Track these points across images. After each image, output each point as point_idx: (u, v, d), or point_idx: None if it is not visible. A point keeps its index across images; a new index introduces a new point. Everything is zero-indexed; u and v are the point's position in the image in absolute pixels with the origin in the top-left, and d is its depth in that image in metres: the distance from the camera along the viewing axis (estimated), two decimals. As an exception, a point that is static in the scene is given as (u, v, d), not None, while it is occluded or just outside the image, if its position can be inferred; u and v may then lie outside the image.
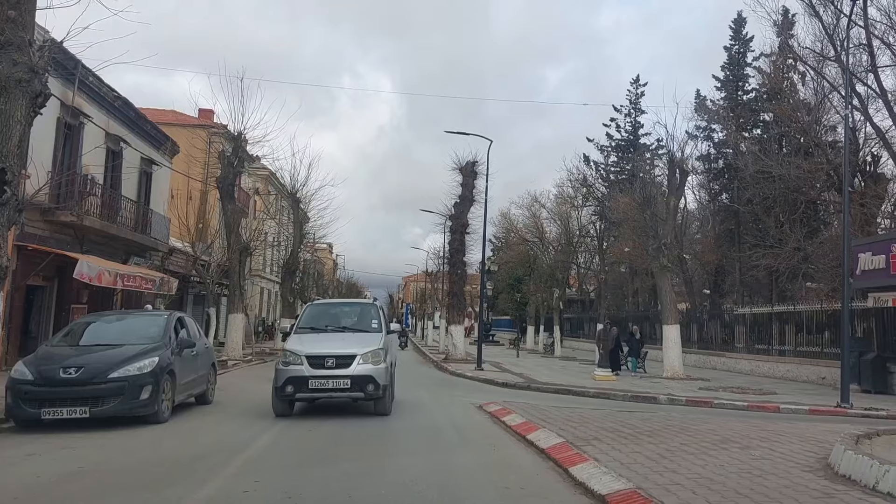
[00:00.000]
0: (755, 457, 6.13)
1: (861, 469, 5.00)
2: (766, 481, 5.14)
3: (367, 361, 9.47)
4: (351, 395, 9.49)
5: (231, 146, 22.76)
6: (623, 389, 16.07)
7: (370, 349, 9.63)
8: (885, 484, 4.69)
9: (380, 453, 7.24)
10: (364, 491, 5.42)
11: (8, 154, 9.37)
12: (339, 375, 9.30)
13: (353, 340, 9.97)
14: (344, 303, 13.88)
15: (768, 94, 25.10)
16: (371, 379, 9.38)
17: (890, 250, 15.86)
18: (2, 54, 9.50)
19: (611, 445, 6.64)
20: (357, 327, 10.68)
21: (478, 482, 5.91)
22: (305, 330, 10.56)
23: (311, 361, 9.41)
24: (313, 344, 9.82)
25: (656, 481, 5.10)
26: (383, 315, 11.22)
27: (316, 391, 9.41)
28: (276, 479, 5.77)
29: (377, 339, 10.05)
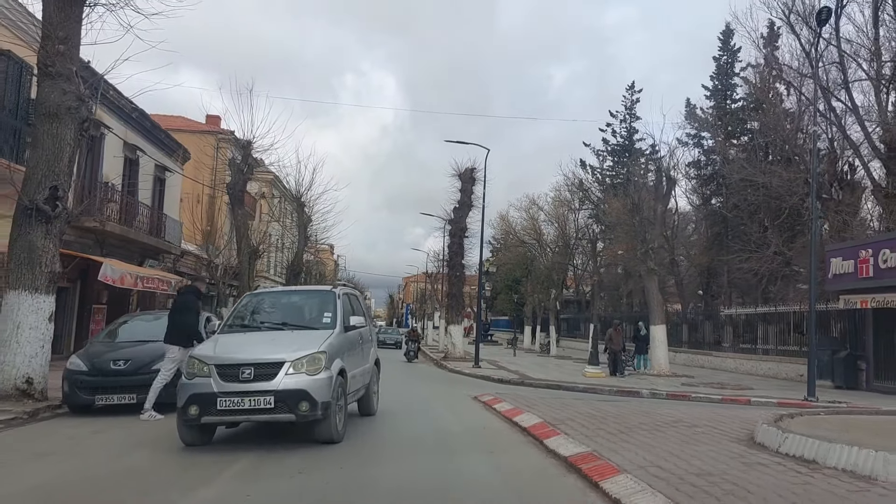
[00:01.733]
0: (697, 432, 7.54)
1: (770, 437, 6.40)
2: (697, 447, 6.54)
3: (300, 370, 6.94)
4: (275, 418, 6.95)
5: (241, 154, 24.13)
6: (610, 385, 17.46)
7: (305, 353, 7.07)
8: (785, 447, 6.10)
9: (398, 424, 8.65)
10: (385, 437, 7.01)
11: (59, 173, 10.81)
12: (258, 391, 6.80)
13: (287, 341, 7.49)
14: (292, 291, 10.28)
15: (754, 104, 26.47)
16: (304, 395, 6.82)
17: (858, 256, 17.25)
18: (53, 85, 10.97)
19: (581, 424, 8.03)
20: (301, 323, 8.22)
21: (469, 447, 7.37)
22: (234, 328, 8.23)
23: (221, 372, 6.93)
24: (230, 348, 7.42)
25: (610, 447, 6.49)
26: (342, 306, 8.39)
27: (227, 413, 6.85)
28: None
29: (321, 339, 7.47)
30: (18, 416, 9.37)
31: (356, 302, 9.46)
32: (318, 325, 8.14)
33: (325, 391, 7.04)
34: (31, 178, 10.66)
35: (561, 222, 37.99)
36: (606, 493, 5.06)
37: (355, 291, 10.28)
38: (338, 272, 68.47)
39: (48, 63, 10.96)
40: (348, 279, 72.10)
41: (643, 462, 5.76)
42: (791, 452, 5.99)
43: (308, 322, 8.34)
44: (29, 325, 10.26)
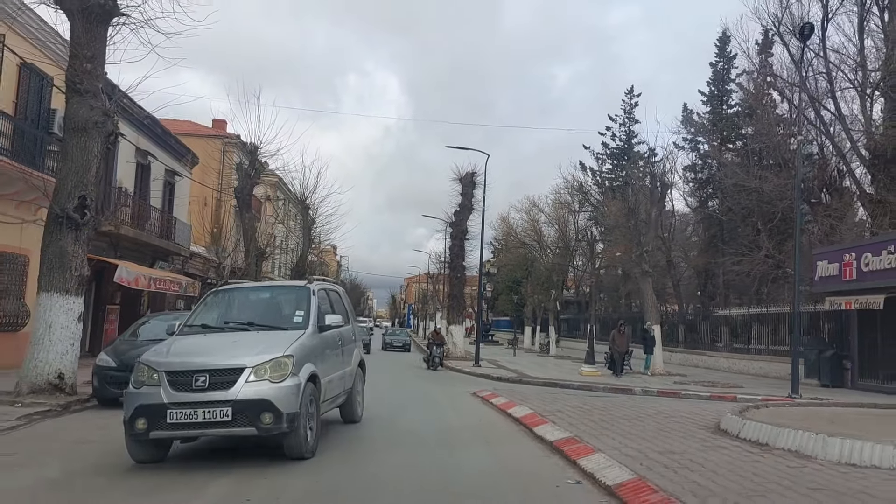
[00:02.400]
0: (672, 422, 8.41)
1: (732, 425, 7.28)
2: (668, 433, 7.42)
3: (263, 377, 6.18)
4: (234, 432, 6.17)
5: (248, 159, 25.04)
6: (604, 383, 18.33)
7: (269, 357, 6.28)
8: (743, 432, 6.98)
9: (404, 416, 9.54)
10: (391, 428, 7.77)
11: (87, 183, 11.72)
12: (213, 402, 6.03)
13: (250, 344, 6.67)
14: (262, 287, 9.37)
15: (748, 110, 27.33)
16: (267, 405, 6.05)
17: (842, 259, 18.08)
18: (81, 101, 11.88)
19: (568, 415, 8.91)
20: (270, 323, 7.36)
21: (466, 434, 8.25)
22: (194, 329, 7.43)
23: (172, 380, 6.18)
24: (184, 352, 6.65)
25: (591, 434, 7.37)
26: (316, 303, 7.57)
27: (178, 427, 6.09)
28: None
29: (288, 340, 6.67)
30: (53, 408, 10.28)
31: (336, 298, 8.66)
32: (289, 324, 7.25)
33: (292, 401, 6.18)
34: (62, 188, 11.55)
35: (561, 224, 38.88)
36: (582, 468, 5.94)
37: (336, 287, 9.28)
38: (340, 273, 69.40)
39: (76, 80, 11.86)
40: (351, 280, 73.05)
41: (617, 444, 6.64)
42: (748, 437, 6.87)
43: (277, 322, 7.40)
44: (60, 324, 11.16)
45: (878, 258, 16.77)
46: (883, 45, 20.41)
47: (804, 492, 4.88)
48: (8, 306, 16.42)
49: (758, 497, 4.71)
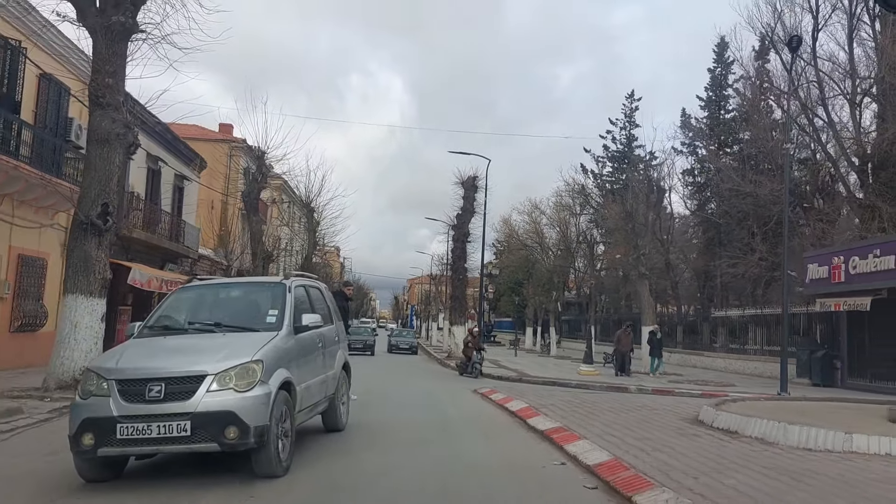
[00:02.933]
0: (655, 414, 9.16)
1: (707, 415, 8.04)
2: (649, 423, 8.17)
3: (227, 386, 5.54)
4: (193, 448, 5.50)
5: (255, 164, 25.85)
6: (601, 381, 19.06)
7: (235, 363, 5.63)
8: (717, 422, 7.74)
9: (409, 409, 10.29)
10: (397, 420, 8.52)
11: (110, 192, 12.51)
12: (170, 414, 5.40)
13: (214, 348, 5.99)
14: (233, 284, 8.54)
15: (745, 115, 28.06)
16: (231, 418, 5.42)
17: (831, 262, 18.81)
18: (103, 114, 12.66)
19: (561, 409, 9.66)
20: (239, 324, 6.63)
21: (465, 426, 9.00)
22: (154, 331, 6.70)
23: (124, 390, 5.52)
24: (138, 357, 5.97)
25: (579, 423, 8.12)
26: (292, 302, 6.86)
27: (130, 443, 5.43)
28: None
29: (258, 344, 5.99)
30: (79, 402, 11.07)
31: (317, 296, 7.96)
32: (261, 325, 6.52)
33: (261, 412, 5.52)
34: (86, 196, 12.33)
35: (562, 226, 39.63)
36: (568, 452, 6.69)
37: (317, 284, 8.50)
38: (343, 274, 70.19)
39: (99, 94, 12.64)
40: (354, 281, 73.83)
41: (600, 432, 7.40)
42: (720, 426, 7.62)
43: (248, 322, 6.65)
44: (85, 324, 11.94)
45: (864, 261, 17.50)
46: (873, 53, 21.16)
47: (758, 469, 5.62)
48: (28, 307, 17.21)
49: (715, 473, 5.45)
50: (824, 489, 4.98)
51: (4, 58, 15.46)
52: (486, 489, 5.47)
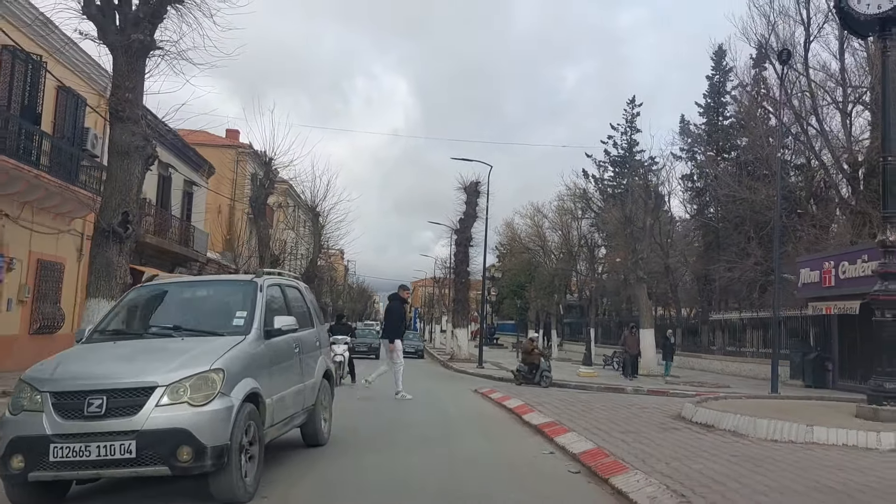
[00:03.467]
0: (643, 411, 9.88)
1: (688, 411, 8.75)
2: (635, 419, 8.88)
3: (180, 399, 4.87)
4: (139, 472, 4.80)
5: (262, 170, 26.63)
6: (599, 382, 19.78)
7: (190, 373, 4.97)
8: (696, 417, 8.45)
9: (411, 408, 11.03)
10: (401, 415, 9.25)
11: (130, 201, 13.27)
12: (112, 433, 4.72)
13: (167, 355, 5.30)
14: (198, 283, 7.84)
15: (743, 121, 28.77)
16: (184, 437, 4.74)
17: (823, 267, 19.49)
18: (123, 127, 13.42)
19: (555, 406, 10.39)
20: (202, 327, 5.93)
21: (464, 423, 9.73)
22: (106, 335, 6.00)
23: (59, 404, 4.86)
24: (78, 366, 5.31)
25: (570, 419, 8.84)
26: (263, 303, 6.19)
27: (65, 466, 4.73)
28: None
29: (219, 350, 5.32)
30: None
31: (295, 296, 7.29)
32: (226, 329, 5.82)
33: (220, 429, 4.85)
34: (107, 205, 13.09)
35: (565, 230, 40.32)
36: (557, 443, 7.42)
37: (295, 283, 7.79)
38: (347, 276, 70.96)
39: (119, 109, 13.39)
40: (358, 283, 74.58)
41: (588, 426, 8.13)
42: (699, 421, 8.34)
43: (212, 325, 5.96)
44: (106, 326, 12.69)
45: (853, 266, 18.17)
46: (866, 62, 21.85)
47: (725, 457, 6.33)
48: (46, 310, 18.01)
49: (686, 460, 6.17)
50: (778, 472, 5.69)
51: (26, 72, 16.26)
52: (480, 474, 6.20)
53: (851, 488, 5.19)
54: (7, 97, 15.68)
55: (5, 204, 15.99)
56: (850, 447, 6.84)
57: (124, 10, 13.39)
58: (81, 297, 19.96)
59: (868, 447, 6.80)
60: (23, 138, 15.78)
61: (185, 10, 13.94)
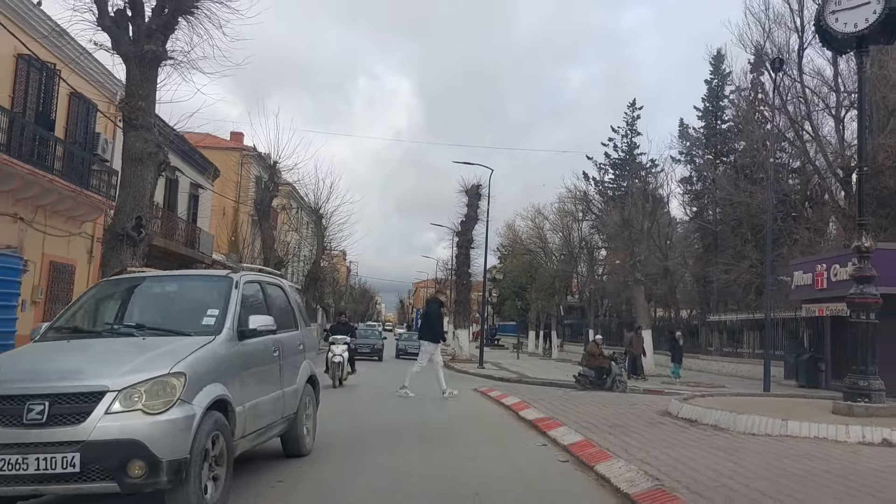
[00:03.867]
0: (633, 408, 10.44)
1: (674, 408, 9.31)
2: (624, 415, 9.44)
3: (134, 406, 4.33)
4: (84, 489, 4.26)
5: (267, 173, 27.23)
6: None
7: (147, 377, 4.45)
8: (681, 413, 9.01)
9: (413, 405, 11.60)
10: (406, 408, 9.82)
11: (143, 206, 13.84)
12: (53, 443, 4.20)
13: (123, 356, 4.82)
14: (168, 278, 6.92)
15: (740, 125, 29.33)
16: (136, 449, 4.22)
17: (815, 269, 20.01)
18: (136, 135, 13.99)
19: (550, 403, 10.96)
20: (167, 326, 5.51)
21: (464, 416, 10.29)
22: (62, 333, 5.58)
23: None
24: (22, 366, 4.85)
25: (564, 415, 9.40)
26: (238, 300, 5.73)
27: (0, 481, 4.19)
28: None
29: (184, 351, 4.84)
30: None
31: (278, 295, 6.87)
32: (195, 328, 5.36)
33: (178, 441, 4.38)
34: (121, 210, 13.66)
35: (565, 231, 40.90)
36: (550, 436, 7.99)
37: (277, 281, 7.24)
38: (350, 277, 71.57)
39: (132, 117, 13.95)
40: (361, 284, 75.17)
41: (580, 420, 8.69)
42: (684, 416, 8.90)
43: (179, 325, 5.51)
44: (120, 326, 13.27)
45: (845, 269, 18.65)
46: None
47: (703, 448, 6.90)
48: (58, 311, 18.56)
49: (666, 449, 6.73)
50: (749, 460, 6.24)
51: (41, 80, 16.87)
52: (478, 462, 6.77)
53: (813, 474, 5.75)
54: (23, 104, 16.29)
55: (20, 207, 16.59)
56: (821, 440, 7.39)
57: (137, 21, 13.96)
58: (92, 298, 20.56)
59: (837, 440, 7.36)
60: (37, 144, 16.38)
61: (196, 22, 14.57)
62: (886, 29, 9.07)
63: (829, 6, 9.29)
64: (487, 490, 5.65)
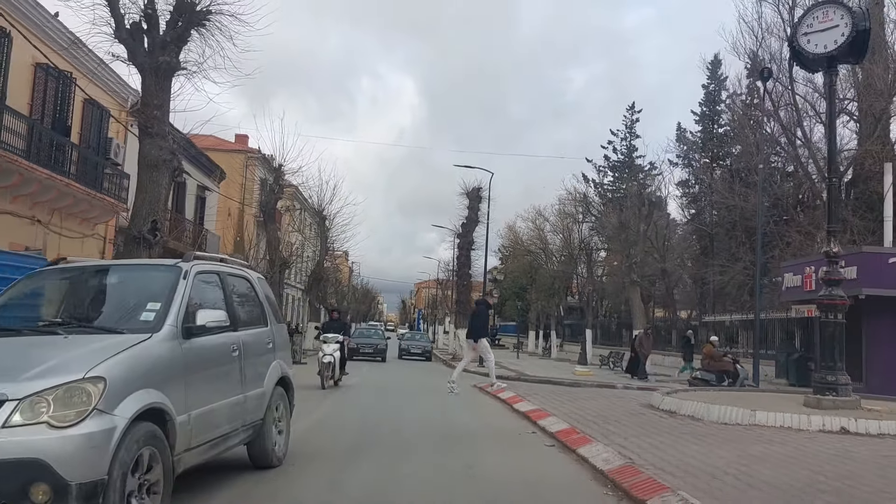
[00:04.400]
0: (620, 401, 11.23)
1: (656, 400, 10.10)
2: (611, 407, 10.24)
3: (37, 418, 3.71)
4: None
5: (272, 176, 28.05)
6: (592, 380, 21.06)
7: (56, 383, 3.81)
8: (662, 405, 9.80)
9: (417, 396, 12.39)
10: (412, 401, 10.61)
11: (158, 210, 14.67)
12: None
13: (33, 358, 4.11)
14: (108, 267, 6.39)
15: (736, 130, 30.11)
16: (39, 469, 3.59)
17: (804, 271, 20.76)
18: (152, 142, 14.82)
19: (544, 397, 11.76)
20: (99, 322, 4.96)
21: (464, 411, 11.08)
22: None
23: None
24: None
25: (553, 406, 10.19)
26: (185, 292, 5.05)
27: None
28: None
29: (107, 351, 4.18)
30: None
31: (242, 288, 6.23)
32: (130, 325, 4.75)
33: (93, 460, 3.75)
34: (138, 214, 14.49)
35: (566, 233, 41.65)
36: (539, 425, 8.78)
37: (247, 273, 6.59)
38: (352, 278, 72.39)
39: (148, 125, 14.79)
40: (363, 285, 75.94)
41: (568, 411, 9.49)
42: (664, 408, 9.69)
43: (112, 321, 4.92)
44: (137, 324, 14.07)
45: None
46: (850, 74, 23.16)
47: (676, 434, 7.68)
48: (72, 309, 19.42)
49: (642, 436, 7.51)
50: (714, 444, 7.03)
51: (58, 88, 17.68)
52: (474, 448, 7.56)
53: (769, 455, 6.54)
54: (41, 111, 17.10)
55: (38, 210, 17.41)
56: (786, 428, 8.18)
57: (153, 34, 14.79)
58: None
59: (800, 428, 8.14)
60: (54, 149, 17.19)
61: (208, 34, 15.39)
62: (854, 50, 9.84)
63: (801, 28, 10.06)
64: (478, 466, 6.43)
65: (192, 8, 14.68)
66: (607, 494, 5.43)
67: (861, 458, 6.53)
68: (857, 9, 10.14)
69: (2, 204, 15.89)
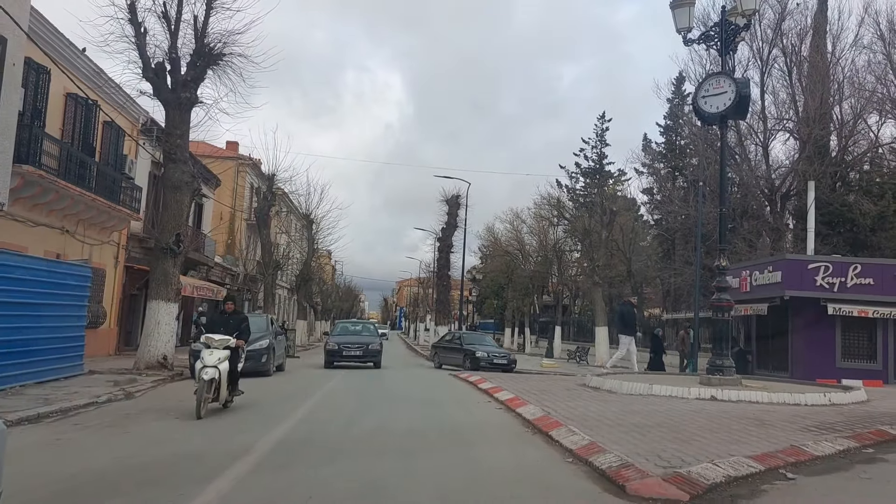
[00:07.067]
0: (566, 385, 14.45)
1: (588, 380, 13.33)
2: (554, 387, 13.45)
3: None
4: None
5: (266, 184, 30.97)
6: (557, 371, 24.35)
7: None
8: (590, 383, 13.04)
9: (402, 383, 15.50)
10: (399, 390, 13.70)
11: (181, 225, 17.63)
12: None
13: None
14: None
15: (693, 144, 33.55)
16: None
17: (741, 275, 24.18)
18: (175, 167, 17.79)
19: (502, 380, 14.94)
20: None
21: (446, 400, 14.19)
22: None
23: None
24: None
25: (510, 386, 13.36)
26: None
27: None
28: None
29: None
30: (164, 378, 16.15)
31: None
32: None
33: None
34: (164, 229, 17.46)
35: (541, 235, 44.95)
36: (495, 397, 11.95)
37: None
38: (335, 276, 75.19)
39: (171, 152, 17.76)
40: (346, 283, 78.73)
41: (520, 389, 12.73)
42: (592, 386, 12.93)
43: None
44: (164, 322, 17.07)
45: (762, 275, 22.87)
46: (787, 97, 26.64)
47: (590, 401, 10.88)
48: (93, 309, 22.26)
49: (564, 401, 10.69)
50: (614, 407, 10.21)
51: (84, 114, 20.53)
52: (444, 408, 10.69)
53: (644, 411, 9.73)
54: (70, 135, 19.94)
55: (66, 221, 20.26)
56: (672, 397, 11.41)
57: (175, 74, 17.79)
58: (118, 298, 24.34)
59: (683, 398, 11.38)
60: (79, 167, 20.04)
61: (222, 72, 18.37)
62: (739, 109, 13.12)
63: (700, 92, 13.30)
64: (447, 417, 9.57)
65: (210, 52, 17.68)
66: (527, 431, 8.61)
67: (708, 413, 9.74)
68: (741, 79, 13.36)
69: (39, 217, 18.73)
